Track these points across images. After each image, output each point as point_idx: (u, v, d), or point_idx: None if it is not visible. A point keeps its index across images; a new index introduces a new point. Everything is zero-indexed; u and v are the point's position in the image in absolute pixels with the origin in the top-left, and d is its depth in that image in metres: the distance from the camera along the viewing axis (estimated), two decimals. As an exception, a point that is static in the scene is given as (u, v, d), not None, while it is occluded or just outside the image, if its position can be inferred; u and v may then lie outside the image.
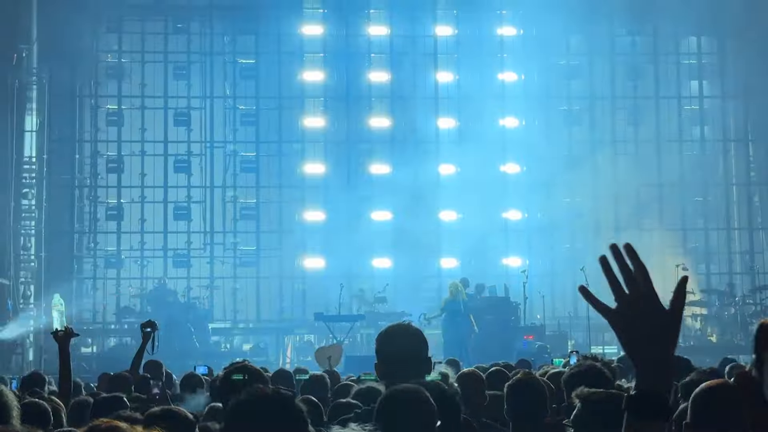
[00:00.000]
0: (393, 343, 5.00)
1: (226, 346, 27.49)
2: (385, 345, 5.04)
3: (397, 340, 5.01)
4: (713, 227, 29.92)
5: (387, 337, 5.06)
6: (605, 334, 28.24)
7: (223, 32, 29.71)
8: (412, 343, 4.99)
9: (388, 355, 4.97)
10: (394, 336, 5.05)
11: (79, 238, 28.97)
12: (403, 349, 4.93)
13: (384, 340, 5.06)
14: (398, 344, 4.97)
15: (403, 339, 5.00)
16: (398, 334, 5.05)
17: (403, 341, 4.98)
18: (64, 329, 8.67)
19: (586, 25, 30.07)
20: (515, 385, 6.40)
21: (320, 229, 29.12)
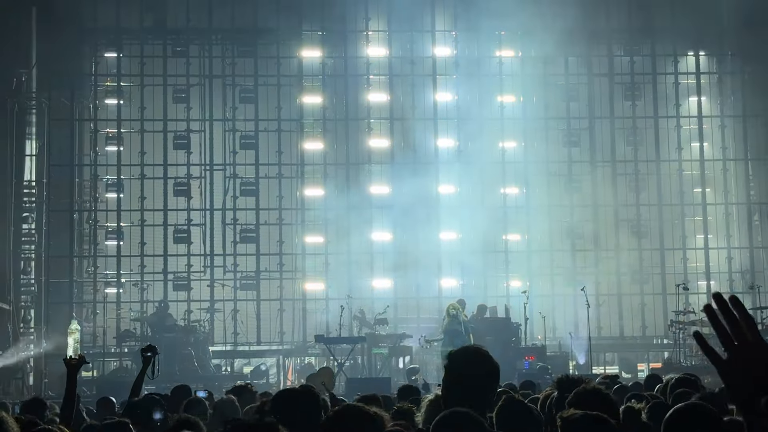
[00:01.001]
0: (470, 368, 4.93)
1: (226, 369, 27.44)
2: (460, 369, 4.97)
3: (472, 366, 4.94)
4: (713, 246, 29.92)
5: (461, 361, 5.00)
6: (606, 354, 28.29)
7: (222, 55, 29.79)
8: (485, 373, 4.93)
9: (461, 381, 4.91)
10: (471, 362, 4.98)
11: (79, 261, 28.95)
12: (479, 375, 4.88)
13: (459, 364, 4.99)
14: (475, 372, 4.90)
15: (477, 367, 4.94)
16: (476, 361, 4.99)
17: (479, 369, 4.92)
18: (78, 356, 8.64)
19: (584, 46, 30.23)
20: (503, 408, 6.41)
21: (320, 250, 29.15)
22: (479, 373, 4.96)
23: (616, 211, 29.84)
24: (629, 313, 29.34)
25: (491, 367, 5.00)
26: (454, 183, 29.61)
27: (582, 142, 30.07)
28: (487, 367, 4.99)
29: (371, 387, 18.46)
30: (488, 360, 5.01)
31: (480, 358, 5.02)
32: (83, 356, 8.79)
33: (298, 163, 29.51)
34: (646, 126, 30.28)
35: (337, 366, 23.84)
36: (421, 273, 28.80)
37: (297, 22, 29.98)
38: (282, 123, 29.53)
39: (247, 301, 28.78)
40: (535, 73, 30.15)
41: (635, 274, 29.58)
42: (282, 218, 29.13)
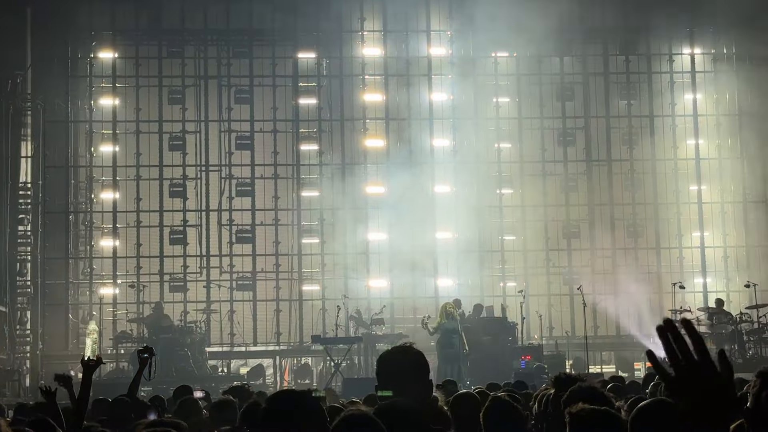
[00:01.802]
0: (392, 365, 4.95)
1: (223, 369, 27.41)
2: (384, 367, 4.99)
3: (396, 362, 4.95)
4: (709, 245, 29.94)
5: (386, 360, 5.02)
6: (602, 354, 28.30)
7: (217, 56, 29.77)
8: (411, 366, 4.93)
9: (386, 378, 4.92)
10: (394, 358, 5.00)
11: (75, 263, 28.92)
12: (402, 371, 4.87)
13: (384, 362, 5.01)
14: (397, 367, 4.91)
15: (402, 362, 4.95)
16: (398, 357, 5.00)
17: (402, 364, 4.93)
18: (96, 358, 8.62)
19: (579, 45, 30.29)
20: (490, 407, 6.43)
21: (316, 250, 29.15)
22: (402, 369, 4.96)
23: (611, 210, 29.86)
24: (626, 312, 29.33)
25: (414, 360, 5.00)
26: (449, 183, 29.61)
27: (578, 141, 30.10)
28: (409, 360, 5.00)
29: (368, 387, 18.47)
30: (411, 354, 5.01)
31: (402, 354, 5.04)
32: (101, 357, 8.79)
33: (293, 163, 29.50)
34: (641, 125, 30.29)
35: (334, 366, 23.87)
36: (417, 273, 28.81)
37: (292, 23, 29.95)
38: (277, 123, 29.52)
39: (244, 302, 28.76)
40: (530, 72, 30.19)
41: (631, 273, 29.58)
42: (278, 219, 29.11)
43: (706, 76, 30.76)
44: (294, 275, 29.04)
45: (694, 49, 30.73)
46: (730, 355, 24.07)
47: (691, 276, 29.07)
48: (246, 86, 29.48)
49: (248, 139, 29.28)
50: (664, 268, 29.46)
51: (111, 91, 29.31)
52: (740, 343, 24.32)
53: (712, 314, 24.89)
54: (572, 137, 30.04)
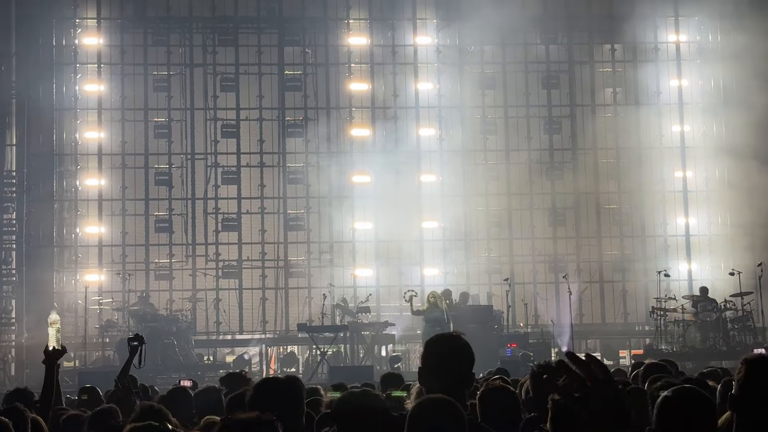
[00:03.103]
0: (443, 354, 4.94)
1: (209, 358, 27.40)
2: (433, 356, 4.97)
3: (447, 352, 4.94)
4: (695, 233, 30.01)
5: (437, 347, 4.99)
6: (588, 341, 28.40)
7: (202, 44, 29.71)
8: (459, 357, 4.94)
9: (434, 367, 4.92)
10: (445, 347, 4.98)
11: (60, 251, 28.85)
12: (450, 362, 4.88)
13: (434, 349, 4.98)
14: (448, 357, 4.90)
15: (453, 353, 4.94)
16: (449, 346, 4.97)
17: (453, 356, 4.92)
18: (61, 347, 8.60)
19: (565, 34, 30.35)
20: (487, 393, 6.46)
21: (302, 239, 29.14)
22: (455, 361, 5.00)
23: (597, 198, 29.92)
24: (611, 300, 29.45)
25: (467, 354, 5.03)
26: (435, 172, 29.62)
27: (564, 129, 30.12)
28: (464, 354, 5.02)
29: (354, 375, 18.52)
30: (465, 347, 5.04)
31: (456, 345, 5.06)
32: (64, 347, 8.75)
33: (279, 151, 29.47)
34: (627, 113, 30.32)
35: (320, 355, 23.90)
36: (403, 261, 28.87)
37: (277, 11, 29.91)
38: (263, 112, 29.49)
39: (230, 290, 28.76)
40: (516, 61, 30.22)
41: (617, 261, 29.69)
42: (264, 207, 29.09)
43: (692, 64, 30.79)
44: (280, 264, 29.03)
45: (680, 37, 30.75)
46: (714, 343, 24.20)
47: (676, 264, 29.13)
48: (232, 74, 29.43)
49: (234, 127, 29.24)
50: (649, 255, 29.55)
51: (96, 79, 29.20)
52: (724, 330, 24.43)
53: (697, 302, 24.98)
54: (558, 125, 30.07)
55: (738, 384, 4.08)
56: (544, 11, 30.04)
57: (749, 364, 4.09)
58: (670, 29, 30.72)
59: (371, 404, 4.64)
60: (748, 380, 4.04)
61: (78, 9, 29.35)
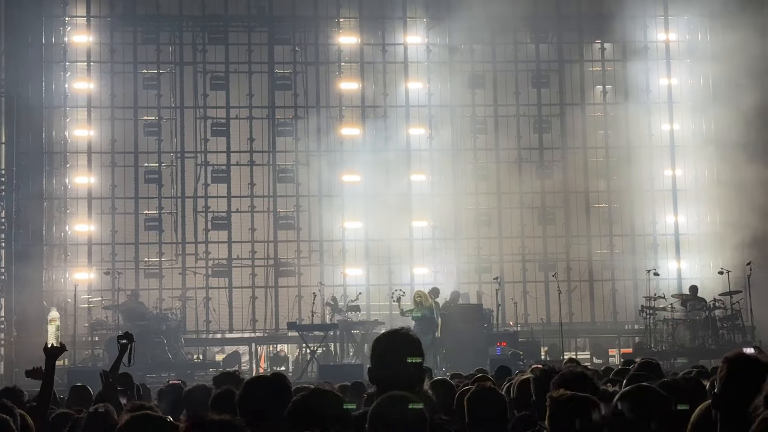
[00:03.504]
0: (389, 350, 4.85)
1: (198, 357, 27.38)
2: (381, 351, 4.88)
3: (394, 347, 4.84)
4: (684, 232, 30.05)
5: (384, 343, 4.90)
6: (577, 340, 28.45)
7: (192, 42, 29.68)
8: (409, 352, 4.85)
9: (382, 363, 4.83)
10: (391, 342, 4.88)
11: (50, 250, 28.78)
12: (400, 357, 4.78)
13: (381, 345, 4.90)
14: (395, 352, 4.81)
15: (401, 347, 4.84)
16: (396, 341, 4.89)
17: (401, 350, 4.83)
18: (60, 344, 8.59)
19: (555, 33, 30.38)
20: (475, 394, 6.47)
21: (292, 237, 29.13)
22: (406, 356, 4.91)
23: (586, 197, 29.96)
24: (600, 298, 29.49)
25: (418, 348, 4.95)
26: (425, 171, 29.63)
27: (553, 128, 30.14)
28: (415, 348, 4.95)
29: (344, 374, 18.52)
30: (415, 341, 4.97)
31: (407, 340, 4.98)
32: (63, 345, 8.75)
33: (269, 150, 29.44)
34: (616, 111, 30.36)
35: (310, 353, 23.90)
36: (393, 260, 28.90)
37: (268, 10, 29.89)
38: (253, 110, 29.47)
39: (219, 289, 28.74)
40: (506, 60, 30.25)
41: (606, 260, 29.73)
42: (254, 206, 29.07)
43: (681, 62, 30.84)
44: (270, 262, 29.02)
45: (669, 35, 30.79)
46: (703, 341, 24.25)
47: (665, 263, 29.17)
48: (222, 73, 29.41)
49: (224, 125, 29.21)
50: (638, 254, 29.59)
51: (86, 77, 29.15)
52: (714, 329, 24.48)
53: (686, 301, 25.04)
54: (548, 124, 30.10)
55: (720, 382, 4.11)
56: (534, 10, 30.05)
57: (730, 362, 4.12)
58: (659, 28, 30.76)
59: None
60: (729, 378, 4.07)
61: (68, 7, 29.29)
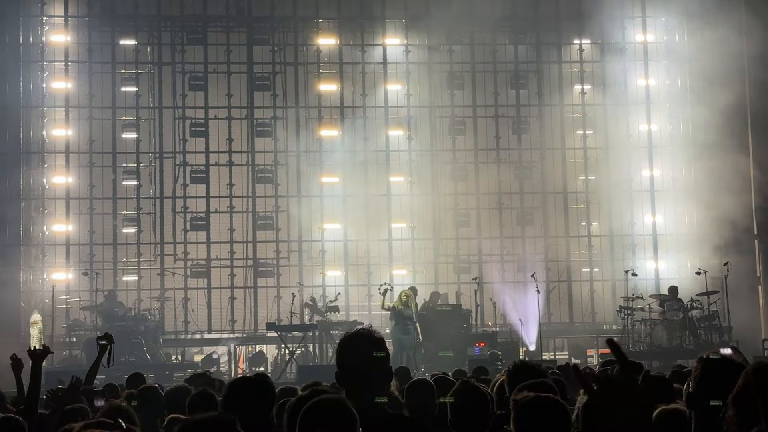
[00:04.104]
0: (355, 352, 4.80)
1: (177, 357, 27.31)
2: (346, 353, 4.84)
3: (360, 348, 4.80)
4: (662, 232, 30.18)
5: (349, 345, 4.90)
6: (556, 340, 28.53)
7: (171, 42, 29.61)
8: (375, 351, 4.78)
9: (348, 365, 4.78)
10: (357, 344, 4.85)
11: (27, 250, 28.66)
12: (365, 359, 4.74)
13: (346, 347, 4.89)
14: (360, 353, 4.77)
15: (365, 348, 4.79)
16: (361, 343, 4.89)
17: (366, 350, 4.77)
18: (42, 347, 8.56)
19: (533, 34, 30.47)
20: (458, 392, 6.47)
21: (271, 238, 29.10)
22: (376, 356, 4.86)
23: (565, 197, 30.06)
24: (579, 299, 29.58)
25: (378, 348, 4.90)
26: (404, 172, 29.66)
27: (532, 129, 30.19)
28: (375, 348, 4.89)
29: (323, 374, 18.49)
30: (382, 341, 4.93)
31: (375, 340, 4.93)
32: (48, 347, 8.72)
33: (248, 150, 29.40)
34: (595, 112, 30.47)
35: (289, 354, 23.89)
36: (372, 261, 28.92)
37: (246, 10, 29.85)
38: (232, 111, 29.42)
39: (198, 290, 28.68)
40: (485, 61, 30.31)
41: (585, 261, 29.84)
42: (233, 206, 29.03)
43: (659, 63, 30.97)
44: (249, 263, 28.98)
45: (647, 36, 30.92)
46: (680, 342, 24.37)
47: (643, 263, 29.27)
48: (200, 73, 29.35)
49: (203, 126, 29.15)
50: (617, 254, 29.71)
51: (64, 77, 29.05)
52: (692, 329, 24.59)
53: (664, 301, 25.15)
54: (526, 125, 30.16)
55: (694, 381, 4.14)
56: (513, 11, 30.13)
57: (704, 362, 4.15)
58: (637, 29, 30.90)
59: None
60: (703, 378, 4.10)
61: (45, 6, 29.17)
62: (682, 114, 30.41)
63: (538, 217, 29.88)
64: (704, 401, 4.08)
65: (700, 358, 4.20)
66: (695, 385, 4.13)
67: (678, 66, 30.63)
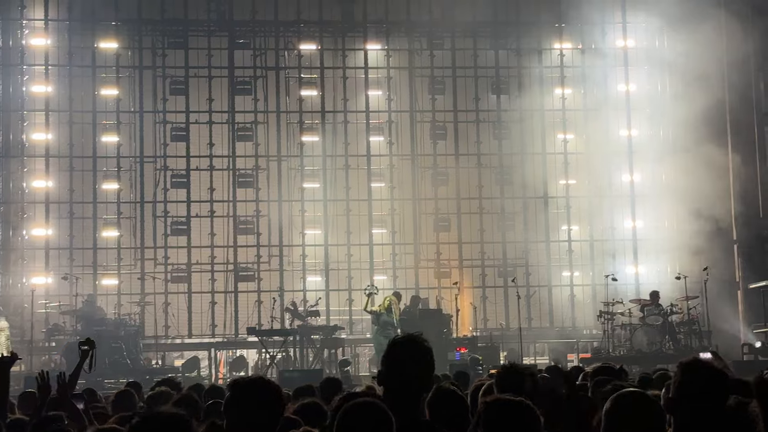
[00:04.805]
0: (404, 358, 4.90)
1: (157, 362, 27.21)
2: (397, 356, 4.93)
3: (410, 355, 4.89)
4: (642, 237, 30.25)
5: (401, 349, 4.95)
6: (536, 345, 28.57)
7: (152, 47, 29.54)
8: (422, 361, 4.90)
9: (395, 369, 4.89)
10: (409, 349, 4.94)
11: (6, 254, 28.54)
12: (413, 365, 4.85)
13: (397, 350, 4.95)
14: (410, 360, 4.87)
15: (415, 356, 4.90)
16: (413, 349, 4.94)
17: (415, 359, 4.88)
18: (10, 354, 8.51)
19: (514, 39, 30.52)
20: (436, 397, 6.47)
21: (252, 242, 29.06)
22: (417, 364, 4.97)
23: (546, 202, 30.10)
24: (559, 303, 29.62)
25: (429, 357, 5.02)
26: (385, 176, 29.68)
27: (513, 134, 30.20)
28: (426, 357, 5.01)
29: (304, 379, 18.47)
30: (428, 351, 5.02)
31: (420, 349, 5.02)
32: (15, 354, 8.66)
33: (229, 155, 29.35)
34: (575, 118, 30.54)
35: (269, 359, 23.84)
36: (353, 265, 28.91)
37: (228, 14, 29.81)
38: (213, 115, 29.37)
39: (179, 294, 28.60)
40: (466, 66, 30.36)
41: (565, 265, 29.88)
42: (213, 210, 28.97)
43: (640, 68, 31.06)
44: (230, 267, 28.93)
45: (627, 42, 31.01)
46: (660, 346, 24.43)
47: (623, 268, 29.32)
48: (181, 77, 29.28)
49: (184, 130, 29.10)
50: (597, 259, 29.78)
51: (44, 81, 28.94)
52: (672, 334, 24.67)
53: (644, 306, 25.21)
54: (507, 130, 30.20)
55: (674, 387, 4.16)
56: (494, 17, 30.20)
57: (684, 367, 4.17)
58: (618, 34, 30.97)
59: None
60: (683, 383, 4.12)
61: (25, 10, 29.07)
62: (662, 118, 30.50)
63: (518, 222, 29.92)
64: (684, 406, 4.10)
65: (680, 363, 4.22)
66: (675, 390, 4.15)
67: (658, 72, 30.72)
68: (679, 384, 4.13)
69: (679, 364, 4.24)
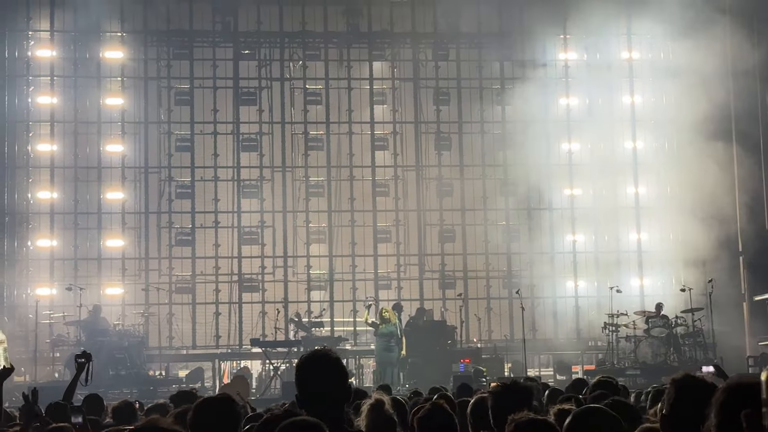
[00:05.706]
0: (312, 375, 4.87)
1: (161, 373, 27.19)
2: (304, 377, 4.91)
3: (316, 372, 4.87)
4: (647, 249, 30.20)
5: (306, 369, 4.92)
6: (541, 357, 28.51)
7: (157, 57, 29.59)
8: (331, 376, 4.87)
9: (307, 388, 4.86)
10: (313, 368, 4.92)
11: (11, 265, 28.56)
12: (323, 381, 4.82)
13: (303, 371, 4.92)
14: (318, 376, 4.85)
15: (323, 371, 4.87)
16: (317, 366, 4.92)
17: (323, 373, 4.85)
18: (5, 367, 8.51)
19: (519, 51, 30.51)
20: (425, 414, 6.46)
21: (256, 253, 29.06)
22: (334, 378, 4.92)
23: (550, 214, 30.02)
24: (564, 315, 29.55)
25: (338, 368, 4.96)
26: (390, 189, 29.65)
27: (517, 145, 30.10)
28: (335, 369, 4.95)
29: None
30: (338, 362, 4.97)
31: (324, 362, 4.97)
32: (12, 366, 8.66)
33: (234, 165, 29.38)
34: (580, 129, 30.46)
35: (273, 370, 23.82)
36: (357, 276, 28.90)
37: (233, 25, 29.85)
38: (218, 126, 29.39)
39: (183, 305, 28.60)
40: (470, 77, 30.35)
41: (570, 277, 29.81)
42: (218, 221, 28.99)
43: (645, 81, 31.03)
44: (234, 278, 28.93)
45: (632, 54, 30.99)
46: (665, 358, 24.37)
47: (627, 279, 29.24)
48: (186, 88, 29.34)
49: (188, 141, 29.14)
50: (601, 271, 29.70)
51: (49, 92, 29.00)
52: (676, 346, 24.61)
53: (648, 318, 25.16)
54: (512, 141, 30.16)
55: (668, 403, 4.14)
56: (499, 28, 30.20)
57: (677, 383, 4.15)
58: (623, 46, 30.94)
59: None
60: (677, 399, 4.10)
61: (31, 21, 29.15)
62: (667, 130, 30.44)
63: (524, 233, 29.87)
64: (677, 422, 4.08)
65: (673, 380, 4.21)
66: (669, 407, 4.13)
67: (663, 83, 30.64)
68: (673, 400, 4.12)
69: (672, 380, 4.22)
